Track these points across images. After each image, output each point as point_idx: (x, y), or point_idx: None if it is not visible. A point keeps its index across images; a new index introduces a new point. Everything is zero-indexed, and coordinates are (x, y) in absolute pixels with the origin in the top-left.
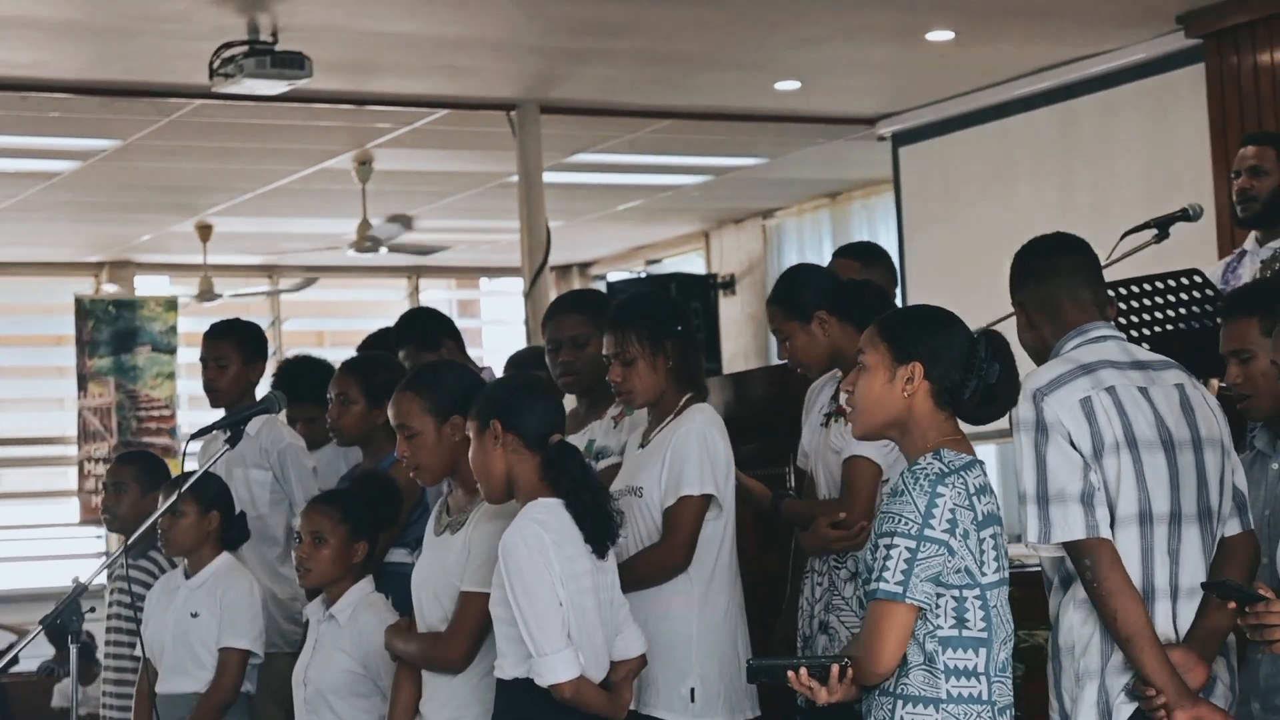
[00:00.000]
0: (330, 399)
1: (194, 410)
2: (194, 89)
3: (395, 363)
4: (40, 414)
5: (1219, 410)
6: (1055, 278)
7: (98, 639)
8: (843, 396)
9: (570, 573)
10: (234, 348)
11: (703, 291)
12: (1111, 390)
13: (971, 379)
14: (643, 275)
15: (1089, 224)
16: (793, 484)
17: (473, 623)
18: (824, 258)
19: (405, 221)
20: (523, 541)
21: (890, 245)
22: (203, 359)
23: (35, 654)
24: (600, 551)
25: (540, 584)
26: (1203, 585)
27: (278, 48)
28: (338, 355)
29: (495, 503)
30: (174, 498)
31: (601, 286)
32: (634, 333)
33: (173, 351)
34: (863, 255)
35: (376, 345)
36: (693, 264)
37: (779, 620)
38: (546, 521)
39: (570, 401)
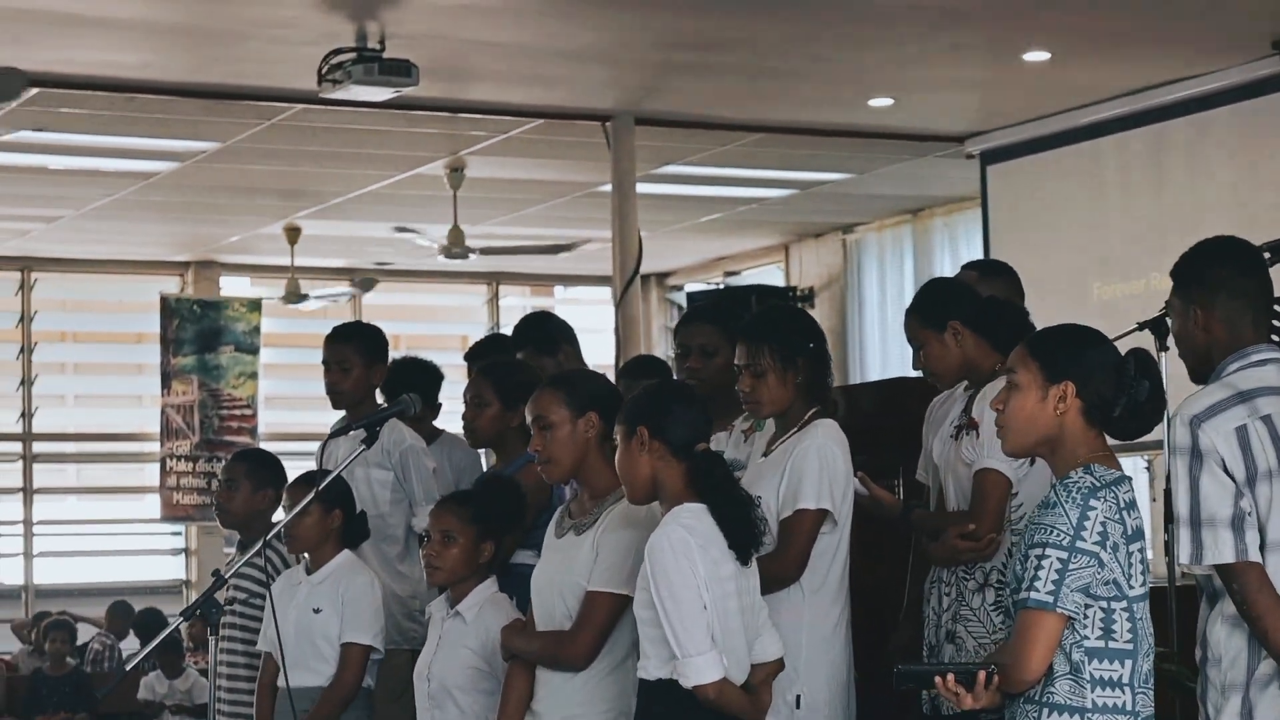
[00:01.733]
0: (465, 401)
1: (271, 410)
2: (297, 94)
3: (528, 367)
4: (122, 410)
5: None
6: (1244, 297)
7: (182, 632)
8: (975, 410)
9: (715, 576)
10: (356, 351)
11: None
12: (1268, 419)
13: (1122, 397)
14: (721, 287)
15: (1178, 246)
16: (901, 495)
17: (598, 622)
18: (905, 274)
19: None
20: (669, 545)
21: None
22: (325, 362)
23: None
24: (744, 559)
25: (685, 587)
26: None
27: (385, 55)
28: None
29: (636, 504)
30: (310, 496)
31: (680, 297)
32: (768, 345)
33: (255, 351)
34: (982, 268)
35: (489, 350)
36: (772, 277)
37: (896, 630)
38: (692, 526)
39: None
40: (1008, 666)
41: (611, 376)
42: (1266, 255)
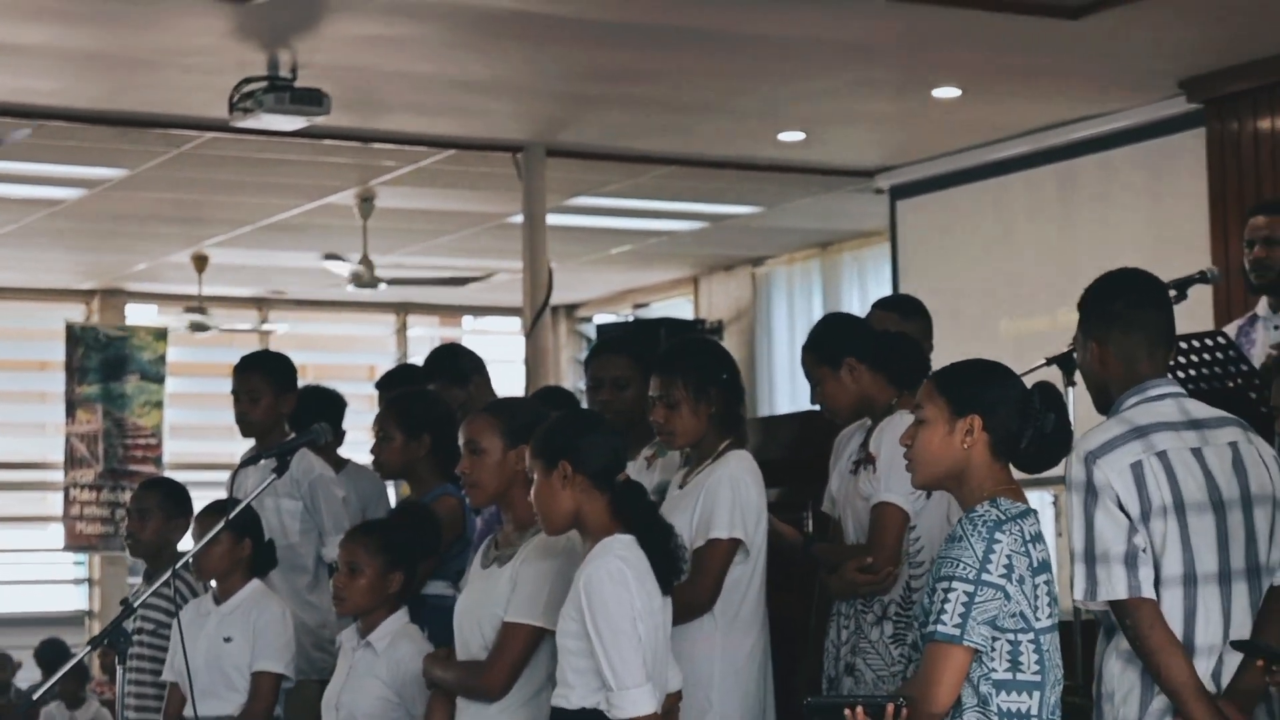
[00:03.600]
0: (373, 433)
1: (177, 440)
2: (207, 122)
3: (434, 397)
4: (25, 439)
5: (1274, 462)
6: (1140, 332)
7: (93, 662)
8: (872, 444)
9: (648, 608)
10: (265, 380)
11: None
12: (1163, 455)
13: (1028, 429)
14: (630, 319)
15: (1086, 282)
16: (810, 528)
17: (514, 653)
18: (813, 307)
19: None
20: (608, 576)
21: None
22: (234, 391)
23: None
24: (666, 588)
25: (624, 619)
26: (1231, 644)
27: (296, 84)
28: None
29: (553, 535)
30: (220, 525)
31: (589, 329)
32: (680, 377)
33: (161, 380)
34: (901, 308)
35: (399, 381)
36: (681, 309)
37: (802, 662)
38: (627, 558)
39: None
40: (916, 699)
41: None
42: (1173, 293)
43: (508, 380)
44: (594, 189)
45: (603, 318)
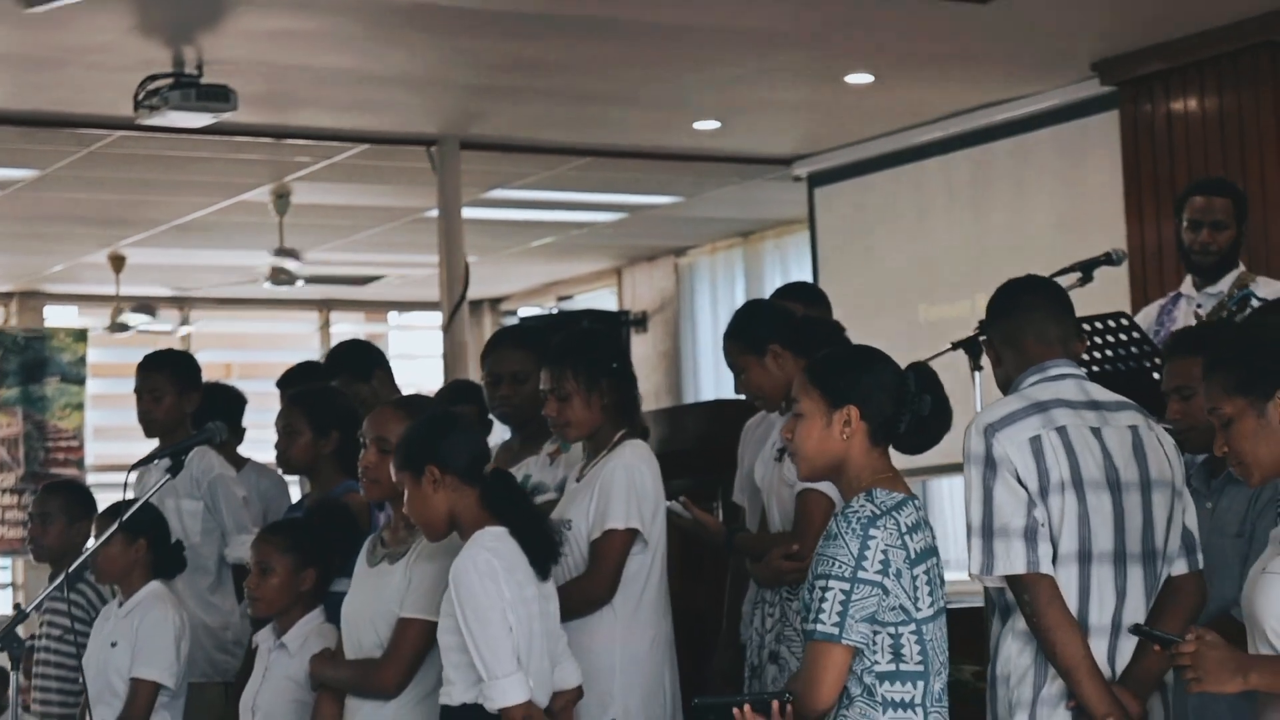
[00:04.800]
0: (277, 430)
1: (100, 441)
2: (116, 120)
3: (339, 393)
4: None
5: (1174, 450)
6: (1019, 313)
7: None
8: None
9: (520, 598)
10: (168, 379)
11: (614, 328)
12: (1062, 430)
13: (905, 413)
14: (554, 312)
15: (1003, 266)
16: (720, 518)
17: (409, 649)
18: (736, 297)
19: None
20: (474, 568)
21: None
22: (137, 390)
23: None
24: (544, 574)
25: (492, 609)
26: (1130, 629)
27: (202, 80)
28: (246, 387)
29: (435, 540)
30: (114, 527)
31: (513, 322)
32: (571, 369)
33: (82, 382)
34: (805, 296)
35: (300, 378)
36: (605, 301)
37: (716, 653)
38: (496, 549)
39: (504, 434)
40: (800, 695)
41: None
42: (1078, 275)
43: (431, 375)
44: (511, 181)
45: (527, 311)
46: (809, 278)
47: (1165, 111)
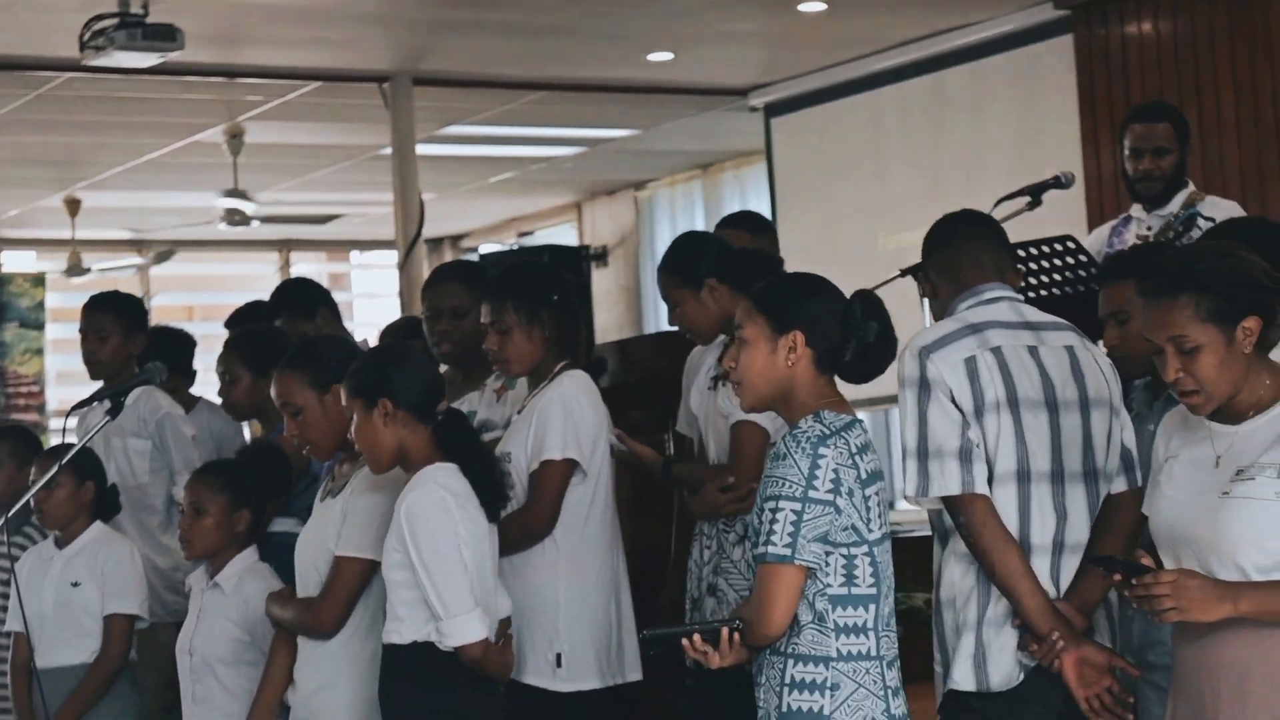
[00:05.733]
0: (219, 377)
1: (62, 386)
2: (64, 62)
3: (277, 333)
4: None
5: (1110, 370)
6: (954, 242)
7: None
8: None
9: (474, 535)
10: (114, 320)
11: (575, 263)
12: (997, 350)
13: (851, 340)
14: (514, 247)
15: (961, 194)
16: (671, 449)
17: (345, 588)
18: (696, 228)
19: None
20: (430, 504)
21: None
22: (82, 331)
23: None
24: (493, 515)
25: (448, 546)
26: (1089, 559)
27: (149, 19)
28: (208, 329)
29: (380, 472)
30: (54, 470)
31: (473, 259)
32: (511, 302)
33: (41, 327)
34: (749, 224)
35: (247, 318)
36: (565, 236)
37: (664, 585)
38: (449, 485)
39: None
40: (751, 622)
41: None
42: (1027, 199)
43: (392, 314)
44: (466, 117)
45: (488, 247)
46: (767, 208)
47: (1119, 35)
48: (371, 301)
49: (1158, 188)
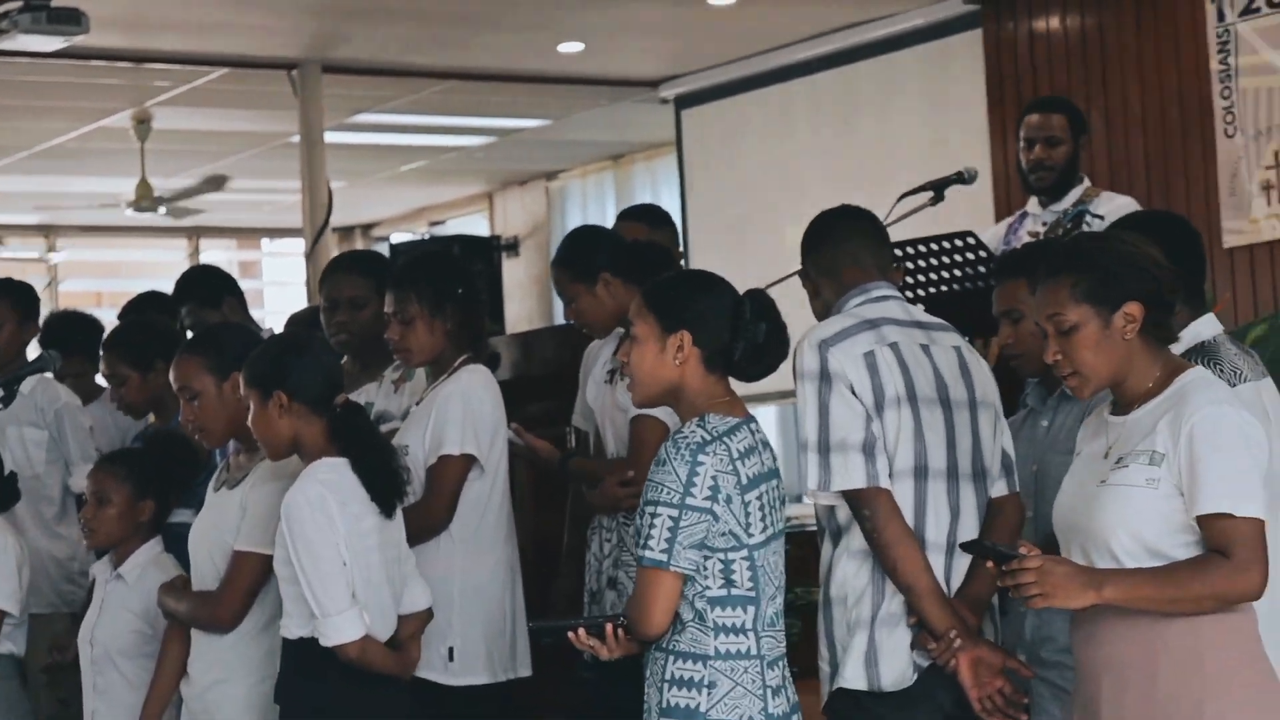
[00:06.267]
0: (106, 380)
1: None
2: None
3: (151, 324)
4: None
5: (991, 375)
6: (835, 243)
7: None
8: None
9: (355, 531)
10: (8, 308)
11: (486, 253)
12: (895, 346)
13: (740, 340)
14: (426, 237)
15: (869, 187)
16: (572, 443)
17: (244, 582)
18: (608, 219)
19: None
20: (305, 502)
21: (673, 208)
22: None
23: None
24: (388, 510)
25: (324, 544)
26: (960, 546)
27: (54, 3)
28: (117, 316)
29: (276, 460)
30: None
31: (384, 248)
32: (414, 293)
33: None
34: (648, 218)
35: (144, 307)
36: (477, 226)
37: (559, 577)
38: (330, 481)
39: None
40: (633, 620)
41: None
42: (929, 194)
43: (298, 303)
44: (376, 105)
45: (399, 236)
46: (678, 200)
47: (1028, 30)
48: (282, 289)
49: (1050, 179)
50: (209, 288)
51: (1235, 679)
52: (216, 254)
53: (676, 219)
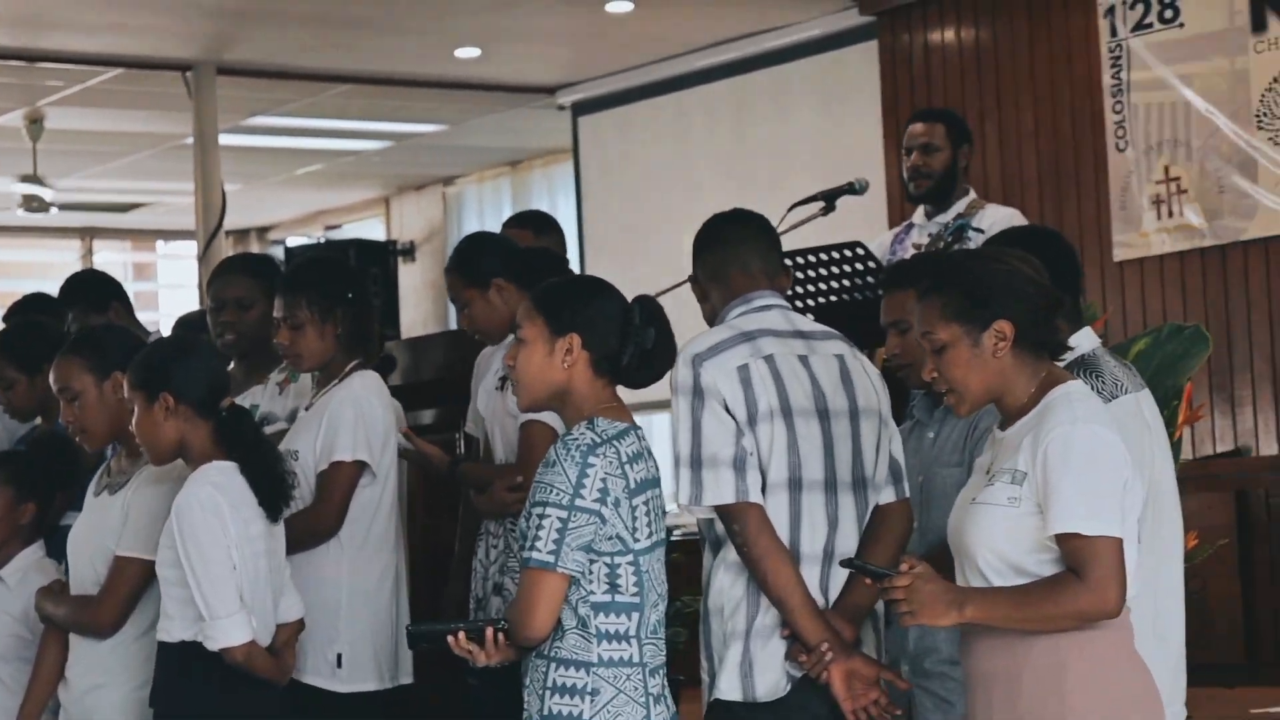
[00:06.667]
0: None
1: None
2: None
3: (36, 327)
4: None
5: (879, 381)
6: (724, 248)
7: None
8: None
9: (245, 536)
10: None
11: (382, 258)
12: (770, 359)
13: (628, 345)
14: (322, 240)
15: (763, 196)
16: (462, 449)
17: (126, 588)
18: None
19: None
20: (198, 504)
21: (570, 214)
22: None
23: None
24: (274, 515)
25: (215, 546)
26: (840, 563)
27: None
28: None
29: (160, 465)
30: None
31: (279, 251)
32: (304, 297)
33: None
34: (535, 224)
35: (30, 309)
36: (373, 230)
37: (449, 583)
38: (222, 484)
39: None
40: (515, 623)
41: None
42: (820, 204)
43: (192, 305)
44: (271, 108)
45: (295, 240)
46: (574, 207)
47: (923, 42)
48: (177, 292)
49: (926, 185)
50: (96, 292)
51: (1098, 694)
52: (110, 255)
53: (573, 225)
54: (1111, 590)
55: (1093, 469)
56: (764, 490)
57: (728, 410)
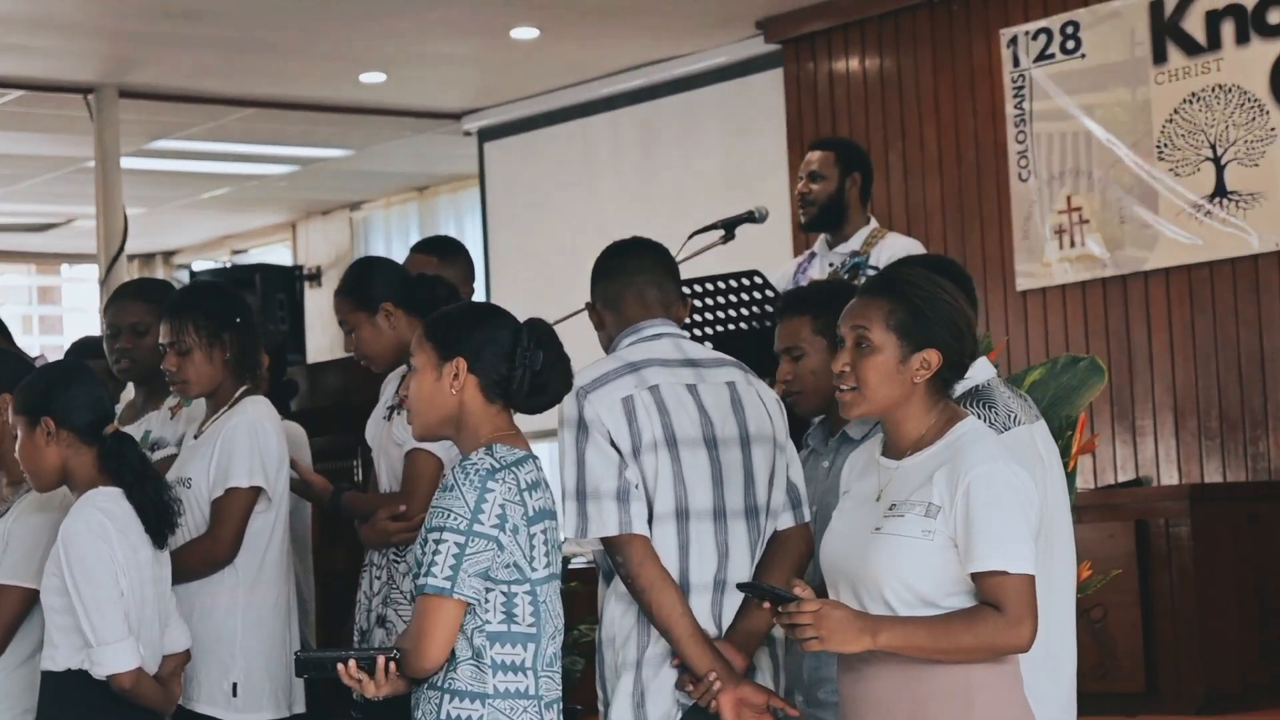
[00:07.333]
0: None
1: None
2: None
3: None
4: None
5: (775, 405)
6: (620, 276)
7: None
8: (406, 390)
9: (133, 562)
10: None
11: (288, 283)
12: (655, 389)
13: (518, 369)
14: (228, 265)
15: (669, 223)
16: (360, 476)
17: (6, 616)
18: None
19: None
20: (85, 528)
21: (477, 240)
22: None
23: None
24: (160, 542)
25: (103, 572)
26: (738, 586)
27: None
28: None
29: (43, 491)
30: None
31: (185, 276)
32: (191, 322)
33: None
34: (439, 249)
35: None
36: (279, 255)
37: (350, 615)
38: (109, 510)
39: (129, 391)
40: (408, 652)
41: None
42: (720, 233)
43: (95, 329)
44: (175, 132)
45: (201, 264)
46: (480, 233)
47: (828, 71)
48: (82, 315)
49: (811, 213)
50: None
51: None
52: (15, 279)
53: (480, 251)
54: (1028, 625)
55: (1014, 508)
56: (651, 521)
57: (612, 443)
